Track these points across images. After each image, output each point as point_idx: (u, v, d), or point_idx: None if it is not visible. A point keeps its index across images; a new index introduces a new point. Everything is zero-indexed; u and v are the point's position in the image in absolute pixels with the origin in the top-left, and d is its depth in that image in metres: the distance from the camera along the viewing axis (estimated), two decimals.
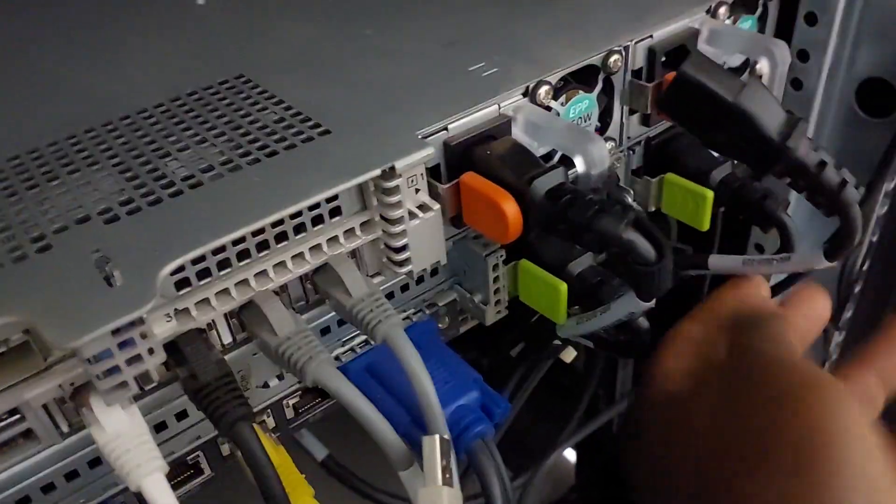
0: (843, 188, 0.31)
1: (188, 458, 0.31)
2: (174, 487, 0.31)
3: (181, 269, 0.25)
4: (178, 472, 0.31)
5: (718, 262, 0.38)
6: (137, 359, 0.24)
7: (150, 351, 0.24)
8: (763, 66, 0.37)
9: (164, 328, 0.26)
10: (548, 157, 0.35)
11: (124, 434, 0.24)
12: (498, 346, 0.45)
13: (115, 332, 0.23)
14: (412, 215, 0.30)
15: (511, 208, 0.29)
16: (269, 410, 0.33)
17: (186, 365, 0.26)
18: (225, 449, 0.32)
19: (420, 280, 0.36)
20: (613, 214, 0.27)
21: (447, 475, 0.26)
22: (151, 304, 0.23)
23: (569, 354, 0.46)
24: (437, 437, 0.26)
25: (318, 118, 0.31)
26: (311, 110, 0.32)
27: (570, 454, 0.79)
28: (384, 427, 0.27)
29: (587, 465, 0.79)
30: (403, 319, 0.35)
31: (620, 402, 0.70)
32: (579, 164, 0.30)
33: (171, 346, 0.26)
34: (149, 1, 0.45)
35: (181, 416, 0.30)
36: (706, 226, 0.39)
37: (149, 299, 0.23)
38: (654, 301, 0.30)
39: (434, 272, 0.36)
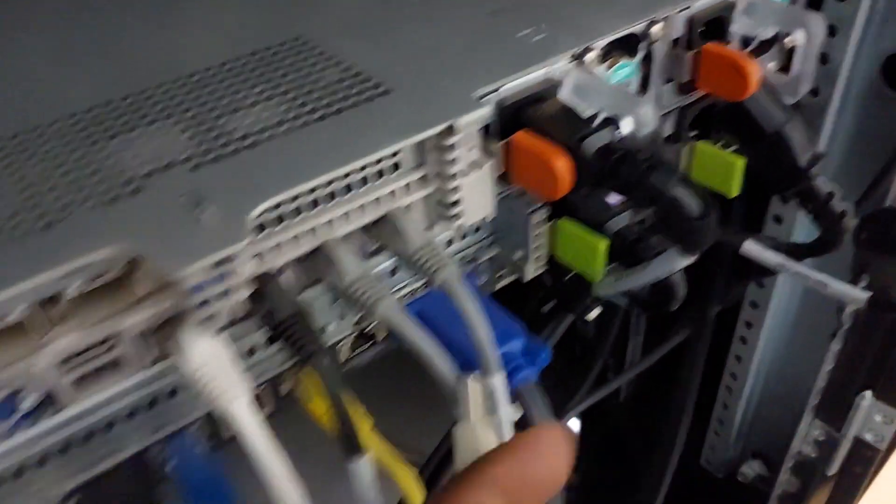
0: (842, 217, 0.42)
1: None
2: None
3: (261, 213, 0.27)
4: None
5: (753, 249, 0.41)
6: (227, 293, 0.26)
7: (238, 287, 0.26)
8: (798, 37, 0.39)
9: (246, 267, 0.28)
10: (589, 120, 0.36)
11: (211, 362, 0.27)
12: (529, 304, 0.47)
13: (212, 266, 0.25)
14: (466, 172, 0.32)
15: (562, 165, 0.31)
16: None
17: (264, 302, 0.28)
18: (284, 388, 0.34)
19: (464, 236, 0.38)
20: (663, 171, 0.29)
21: (484, 412, 0.29)
22: (245, 242, 0.25)
23: (593, 314, 0.48)
24: (470, 375, 0.28)
25: (377, 79, 0.33)
26: (370, 72, 0.34)
27: (574, 424, 0.82)
28: (443, 365, 0.29)
29: (590, 434, 0.82)
30: None
31: (629, 371, 0.72)
32: (626, 125, 0.32)
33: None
34: None
35: (249, 353, 0.32)
36: (736, 192, 0.41)
37: (242, 238, 0.25)
38: (694, 257, 0.32)
39: (477, 228, 0.38)
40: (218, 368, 0.26)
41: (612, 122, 0.33)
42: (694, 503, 0.74)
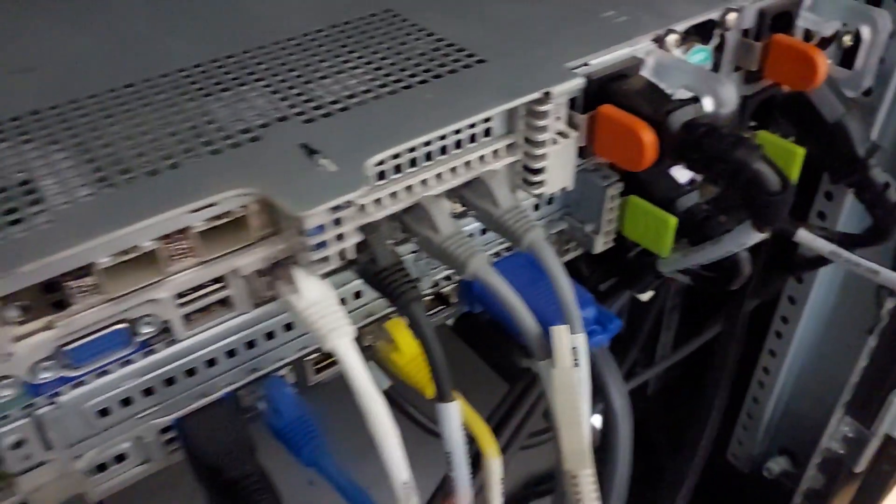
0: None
1: None
2: (323, 368, 0.35)
3: (375, 164, 0.29)
4: (325, 357, 0.35)
5: (807, 237, 0.43)
6: (341, 237, 0.28)
7: (351, 233, 0.28)
8: (864, 33, 0.40)
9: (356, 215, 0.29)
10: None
11: (321, 301, 0.28)
12: (589, 280, 0.48)
13: (332, 209, 0.26)
14: (552, 141, 0.33)
15: (648, 137, 0.32)
16: None
17: (368, 250, 0.29)
18: (366, 340, 0.36)
19: (536, 207, 0.39)
20: (746, 146, 0.31)
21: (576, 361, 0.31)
22: (364, 189, 0.26)
23: (645, 296, 0.49)
24: (565, 326, 0.30)
25: (471, 49, 0.35)
26: (464, 42, 0.35)
27: (596, 419, 0.83)
28: (530, 318, 0.31)
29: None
30: None
31: (658, 365, 0.74)
32: (707, 104, 0.34)
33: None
34: None
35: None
36: (794, 180, 0.43)
37: (361, 184, 0.27)
38: (766, 234, 0.34)
39: (549, 201, 0.40)
40: (327, 307, 0.28)
41: (693, 100, 0.34)
42: (718, 498, 0.75)
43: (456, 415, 0.29)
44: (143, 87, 0.33)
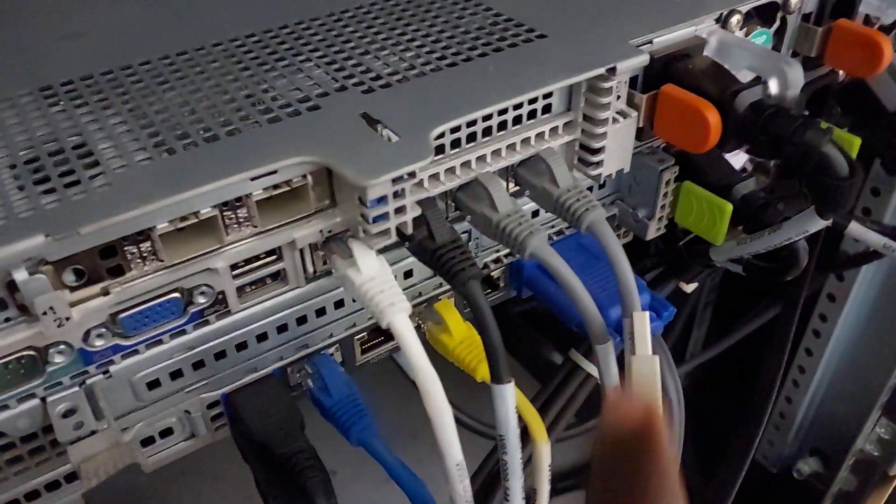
0: None
1: None
2: (370, 349, 0.34)
3: (438, 136, 0.28)
4: (371, 337, 0.35)
5: (859, 230, 0.41)
6: (402, 210, 0.27)
7: (411, 206, 0.27)
8: None
9: (416, 189, 0.28)
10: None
11: (378, 276, 0.27)
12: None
13: (394, 181, 0.25)
14: (613, 120, 0.32)
15: (713, 117, 0.31)
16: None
17: (426, 226, 0.29)
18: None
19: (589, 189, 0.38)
20: (816, 128, 0.30)
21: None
22: (428, 159, 0.26)
23: (689, 287, 0.48)
24: (647, 313, 0.29)
25: (530, 24, 0.34)
26: (521, 17, 0.34)
27: None
28: (590, 301, 0.30)
29: None
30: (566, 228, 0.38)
31: (688, 363, 0.73)
32: (773, 86, 0.33)
33: None
34: None
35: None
36: None
37: (425, 155, 0.26)
38: (829, 221, 0.33)
39: (602, 185, 0.39)
40: (385, 282, 0.27)
41: (758, 81, 0.33)
42: (746, 498, 0.74)
43: (511, 396, 0.29)
44: (197, 55, 0.32)
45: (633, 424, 0.17)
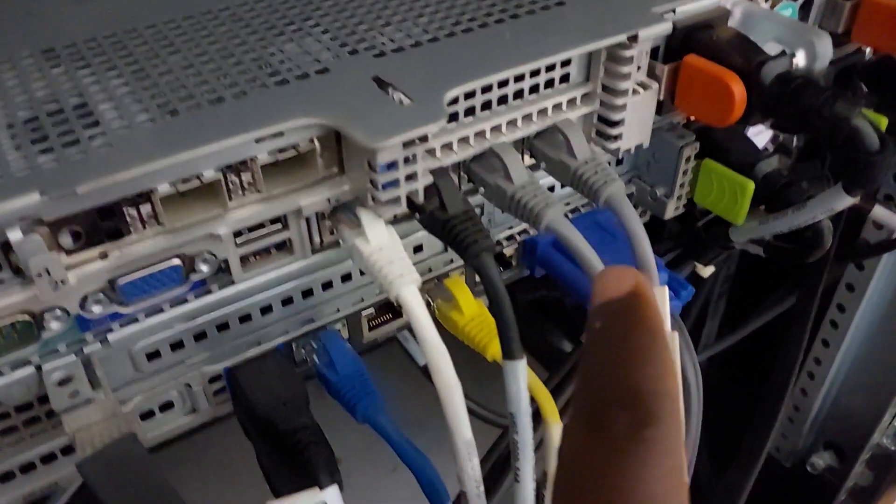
0: None
1: None
2: (378, 325, 0.33)
3: (452, 100, 0.27)
4: (379, 314, 0.34)
5: (883, 215, 0.40)
6: (413, 177, 0.26)
7: (423, 172, 0.26)
8: None
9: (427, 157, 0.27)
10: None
11: (387, 247, 0.26)
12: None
13: (405, 144, 0.24)
14: (633, 91, 0.31)
15: (738, 88, 0.30)
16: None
17: (437, 196, 0.28)
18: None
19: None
20: (846, 100, 0.29)
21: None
22: (441, 122, 0.25)
23: (706, 270, 0.47)
24: (665, 287, 0.28)
25: None
26: None
27: None
28: None
29: None
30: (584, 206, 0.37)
31: (701, 354, 0.71)
32: (801, 58, 0.32)
33: None
34: None
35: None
36: None
37: (438, 117, 0.25)
38: (856, 198, 0.32)
39: (619, 161, 0.38)
40: (394, 253, 0.26)
41: (784, 53, 0.32)
42: (758, 492, 0.73)
43: (524, 373, 0.27)
44: (204, 19, 0.31)
45: (620, 293, 0.16)
